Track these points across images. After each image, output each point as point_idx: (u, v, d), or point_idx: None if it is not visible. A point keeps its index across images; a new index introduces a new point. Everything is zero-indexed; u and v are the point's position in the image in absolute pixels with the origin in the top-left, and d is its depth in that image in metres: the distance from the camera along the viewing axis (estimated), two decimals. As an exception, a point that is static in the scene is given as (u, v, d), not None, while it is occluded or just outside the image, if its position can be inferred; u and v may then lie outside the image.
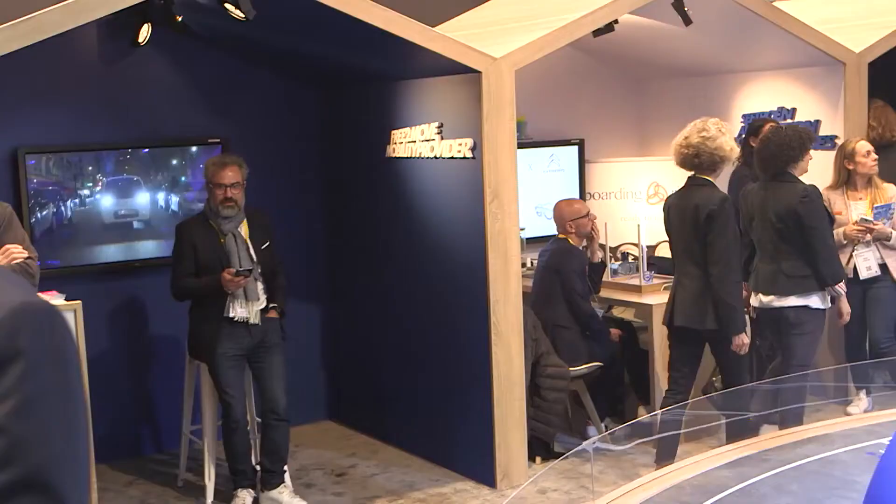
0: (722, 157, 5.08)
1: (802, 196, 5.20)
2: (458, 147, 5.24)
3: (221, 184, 5.02)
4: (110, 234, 5.88)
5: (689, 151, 5.10)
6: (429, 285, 5.61)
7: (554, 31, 5.28)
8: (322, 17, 4.79)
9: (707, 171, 5.12)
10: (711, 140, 5.04)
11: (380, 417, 6.22)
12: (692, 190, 5.16)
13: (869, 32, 6.35)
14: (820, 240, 5.21)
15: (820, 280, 5.25)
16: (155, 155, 5.96)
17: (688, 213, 5.10)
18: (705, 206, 5.00)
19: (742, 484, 4.41)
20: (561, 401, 5.72)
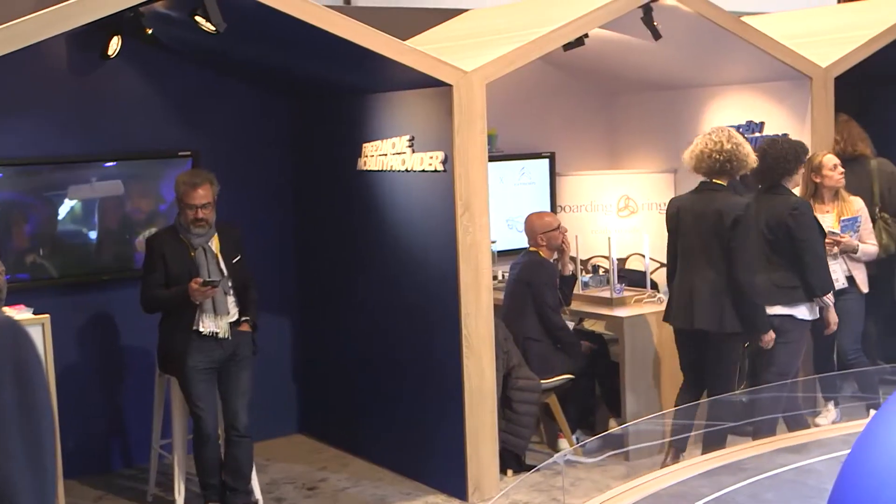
0: (748, 163, 5.27)
1: (793, 209, 5.34)
2: (430, 160, 5.25)
3: (193, 204, 5.01)
4: (79, 247, 5.83)
5: (722, 157, 5.22)
6: (400, 298, 5.61)
7: (524, 45, 5.31)
8: (293, 29, 4.79)
9: (724, 176, 5.27)
10: (742, 147, 5.23)
11: (351, 431, 6.20)
12: (710, 194, 5.26)
13: (835, 47, 6.42)
14: (809, 252, 5.34)
15: (809, 291, 5.37)
16: (125, 168, 5.92)
17: (708, 217, 5.19)
18: (730, 212, 5.12)
19: (718, 493, 4.43)
20: (532, 413, 5.73)
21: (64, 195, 5.75)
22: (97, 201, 5.86)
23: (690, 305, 5.27)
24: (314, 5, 4.73)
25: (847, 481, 2.40)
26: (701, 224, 5.24)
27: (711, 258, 5.20)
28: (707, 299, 5.21)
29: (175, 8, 4.83)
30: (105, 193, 5.89)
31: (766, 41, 6.09)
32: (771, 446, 5.26)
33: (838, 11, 8.61)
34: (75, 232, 5.83)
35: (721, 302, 5.18)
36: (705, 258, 5.23)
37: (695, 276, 5.27)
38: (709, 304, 5.20)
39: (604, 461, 5.73)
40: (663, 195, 7.24)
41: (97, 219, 5.88)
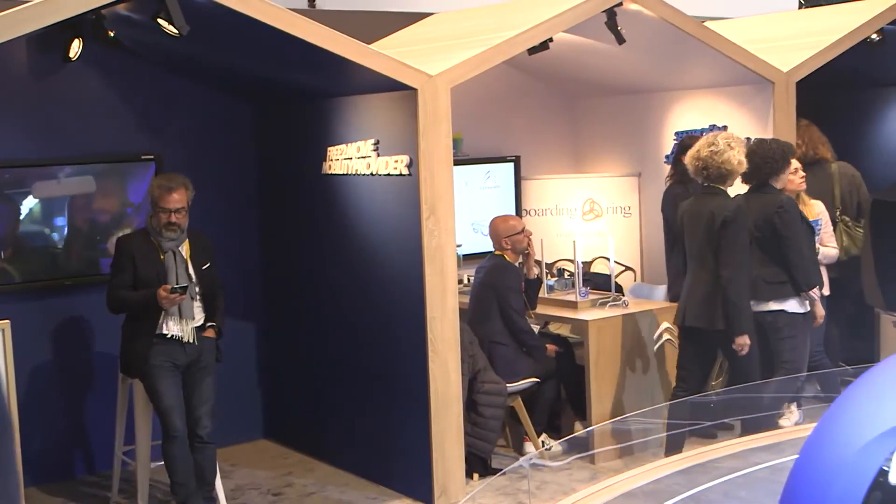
0: (729, 170, 5.38)
1: (778, 207, 5.51)
2: (395, 164, 5.25)
3: (166, 208, 5.01)
4: (41, 251, 5.77)
5: (699, 164, 5.41)
6: (365, 302, 5.59)
7: (489, 49, 5.32)
8: (257, 33, 4.77)
9: (717, 181, 5.40)
10: (718, 154, 5.35)
11: (316, 435, 6.18)
12: (706, 198, 5.44)
13: (796, 52, 6.48)
14: (794, 249, 5.50)
15: (795, 286, 5.53)
16: (88, 171, 5.86)
17: (703, 219, 5.39)
18: (721, 213, 5.30)
19: (692, 490, 4.47)
20: (498, 417, 5.74)
21: (25, 199, 5.68)
22: (59, 205, 5.79)
23: (689, 304, 5.47)
24: (278, 8, 4.71)
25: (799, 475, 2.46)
26: (697, 226, 5.44)
27: (706, 259, 5.39)
28: (701, 298, 5.38)
29: (137, 11, 4.79)
30: (76, 191, 5.82)
31: (729, 46, 6.14)
32: (744, 445, 5.32)
33: (799, 17, 8.70)
34: (36, 236, 5.76)
35: (714, 299, 5.34)
36: (701, 259, 5.43)
37: (693, 276, 5.48)
38: (703, 302, 5.37)
39: (569, 464, 5.74)
40: (628, 199, 7.30)
41: (63, 221, 5.81)
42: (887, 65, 7.32)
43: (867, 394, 2.54)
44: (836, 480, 2.27)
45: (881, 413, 2.32)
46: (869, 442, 2.24)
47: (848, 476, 2.24)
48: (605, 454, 5.80)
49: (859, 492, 2.19)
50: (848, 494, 2.20)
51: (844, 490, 2.22)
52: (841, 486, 2.24)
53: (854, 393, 2.60)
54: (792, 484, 2.48)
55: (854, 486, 2.21)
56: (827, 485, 2.28)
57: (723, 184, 5.43)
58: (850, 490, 2.21)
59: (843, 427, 2.43)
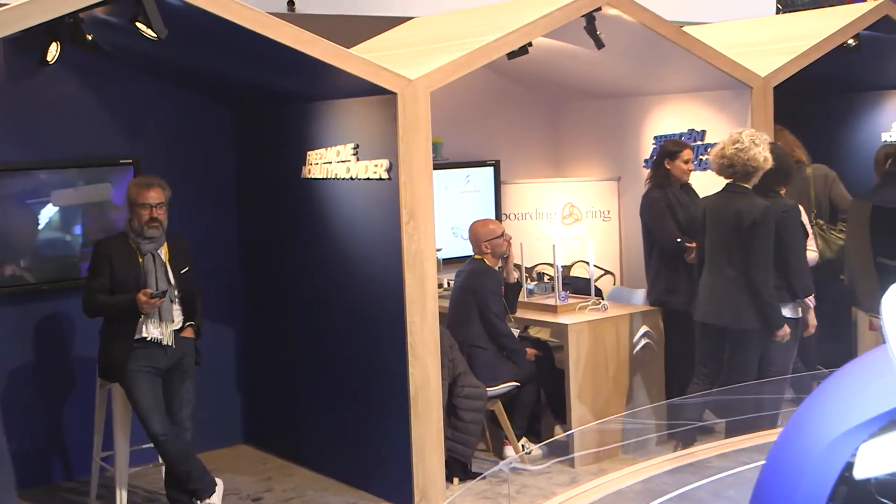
0: (755, 167, 5.44)
1: (783, 211, 5.50)
2: (374, 168, 5.24)
3: (147, 203, 5.02)
4: (18, 255, 5.73)
5: (724, 162, 5.48)
6: (345, 306, 5.58)
7: (469, 54, 5.33)
8: (236, 36, 4.76)
9: (742, 179, 5.48)
10: (744, 152, 5.42)
11: (296, 440, 6.16)
12: (732, 196, 5.51)
13: (774, 57, 6.52)
14: (795, 254, 5.52)
15: (791, 292, 5.53)
16: (65, 175, 5.83)
17: (728, 218, 5.46)
18: (749, 214, 5.38)
19: (681, 489, 4.50)
20: (478, 421, 5.74)
21: (1, 203, 5.64)
22: (37, 209, 5.76)
23: (711, 301, 5.54)
24: (257, 12, 4.71)
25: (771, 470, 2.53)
26: (721, 224, 5.50)
27: (731, 257, 5.46)
28: (726, 296, 5.47)
29: (115, 14, 4.77)
30: (45, 200, 5.79)
31: (708, 51, 6.18)
32: (734, 446, 5.35)
33: (777, 22, 8.76)
34: (13, 241, 5.72)
35: (739, 299, 5.42)
36: (726, 257, 5.49)
37: (716, 273, 5.54)
38: (728, 301, 5.46)
39: (549, 468, 5.75)
40: (607, 203, 7.32)
41: (36, 228, 5.78)
42: (863, 70, 7.38)
43: (836, 392, 2.61)
44: (805, 475, 2.33)
45: (849, 410, 2.38)
46: (836, 438, 2.30)
47: (816, 471, 2.30)
48: (585, 457, 5.81)
49: (826, 486, 2.25)
50: (816, 489, 2.27)
51: (813, 484, 2.29)
52: (809, 481, 2.30)
53: (824, 391, 2.66)
54: (763, 478, 2.55)
55: (822, 480, 2.27)
56: (796, 479, 2.35)
57: (748, 182, 5.48)
58: (818, 484, 2.27)
59: (813, 424, 2.50)
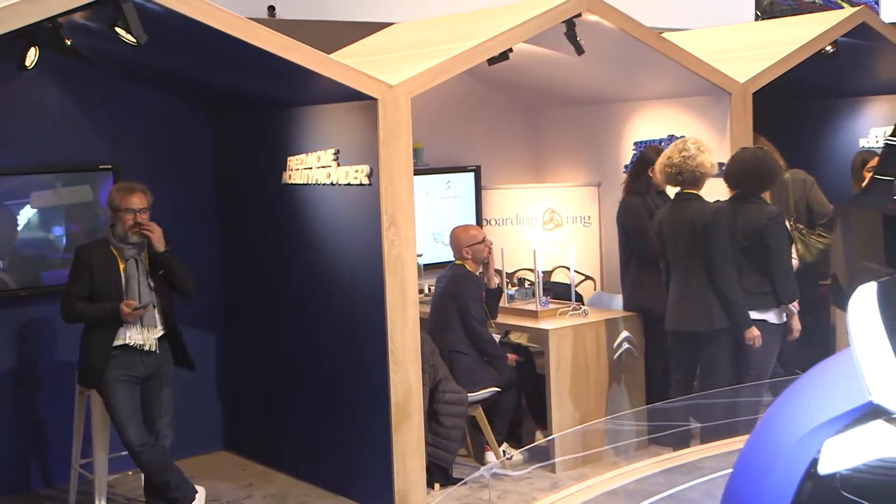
0: (702, 172, 5.56)
1: (769, 217, 5.57)
2: (355, 173, 5.24)
3: (131, 209, 5.01)
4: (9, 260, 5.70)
5: (672, 170, 5.58)
6: (326, 312, 5.57)
7: (449, 59, 5.33)
8: (216, 42, 4.75)
9: (691, 186, 5.58)
10: (692, 159, 5.53)
11: (276, 446, 6.14)
12: (682, 204, 5.61)
13: (753, 64, 6.56)
14: (780, 260, 5.58)
15: (777, 298, 5.59)
16: (44, 181, 5.80)
17: (683, 226, 5.56)
18: (700, 218, 5.48)
19: (673, 490, 4.53)
20: (459, 426, 5.73)
21: None
22: (15, 215, 5.72)
23: (681, 310, 5.59)
24: (238, 17, 4.70)
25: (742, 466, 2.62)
26: (677, 233, 5.58)
27: (693, 264, 5.53)
28: (696, 302, 5.53)
29: (94, 19, 4.75)
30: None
31: (687, 57, 6.21)
32: (727, 447, 5.37)
33: (756, 29, 8.82)
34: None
35: (707, 301, 5.48)
36: (687, 264, 5.56)
37: (682, 282, 5.61)
38: (698, 306, 5.52)
39: (530, 473, 5.75)
40: (587, 208, 7.34)
41: (14, 233, 5.74)
42: (841, 76, 7.44)
43: (804, 391, 2.69)
44: (773, 471, 2.39)
45: (815, 409, 2.44)
46: (803, 436, 2.36)
47: (784, 466, 2.36)
48: (565, 462, 5.82)
49: (793, 482, 2.32)
50: (783, 484, 2.33)
51: (780, 479, 2.35)
52: (777, 476, 2.37)
53: (793, 391, 2.74)
54: (735, 474, 2.62)
55: (789, 476, 2.34)
56: (765, 475, 2.42)
57: (696, 188, 5.58)
58: (785, 480, 2.34)
59: (782, 422, 2.58)
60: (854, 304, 2.48)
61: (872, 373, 2.28)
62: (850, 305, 2.48)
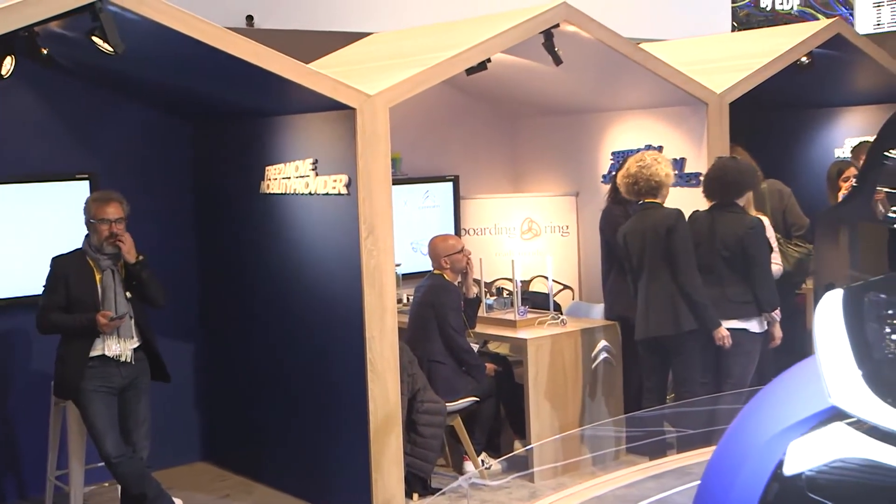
0: (658, 181, 5.65)
1: (749, 227, 5.65)
2: (333, 183, 5.24)
3: (106, 219, 4.99)
4: None
5: (629, 180, 5.68)
6: (304, 322, 5.56)
7: (428, 69, 5.34)
8: (194, 51, 4.74)
9: (649, 195, 5.68)
10: (646, 168, 5.65)
11: (254, 457, 6.12)
12: (644, 214, 5.70)
13: (729, 74, 6.61)
14: (761, 269, 5.65)
15: (759, 306, 5.65)
16: (20, 190, 5.76)
17: (647, 234, 5.64)
18: (662, 224, 5.58)
19: (662, 494, 4.55)
20: (438, 436, 5.73)
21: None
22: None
23: (648, 317, 5.64)
24: (215, 27, 4.69)
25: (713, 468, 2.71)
26: (641, 241, 5.65)
27: (656, 269, 5.59)
28: (660, 307, 5.58)
29: (72, 28, 4.73)
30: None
31: (664, 68, 6.24)
32: (703, 457, 5.40)
33: (732, 40, 8.88)
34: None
35: (673, 305, 5.54)
36: (651, 270, 5.62)
37: (646, 289, 5.66)
38: (662, 310, 5.57)
39: (509, 483, 5.75)
40: (566, 218, 7.36)
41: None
42: (816, 87, 7.50)
43: (772, 396, 2.79)
44: (742, 471, 2.48)
45: (782, 413, 2.53)
46: (771, 438, 2.44)
47: (752, 468, 2.45)
48: (544, 472, 5.82)
49: (761, 482, 2.40)
50: (751, 484, 2.42)
51: (749, 480, 2.43)
52: (746, 477, 2.45)
53: (763, 395, 2.84)
54: (707, 474, 2.70)
55: (757, 477, 2.42)
56: (734, 475, 2.50)
57: (655, 197, 5.67)
58: (753, 480, 2.42)
59: (752, 425, 2.67)
60: (820, 310, 2.56)
61: (832, 377, 2.36)
62: (816, 311, 2.56)
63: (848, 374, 2.35)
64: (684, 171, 6.59)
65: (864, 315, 2.54)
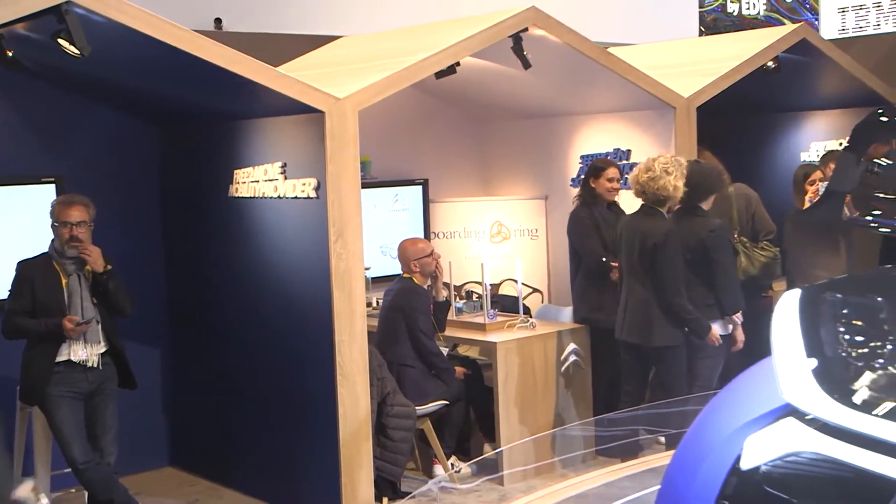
0: (664, 196, 5.58)
1: (711, 230, 5.66)
2: (302, 187, 5.23)
3: (67, 222, 4.96)
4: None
5: (637, 188, 5.64)
6: (274, 326, 5.54)
7: (397, 73, 5.35)
8: (162, 54, 4.71)
9: (655, 204, 5.64)
10: (654, 181, 5.56)
11: (223, 462, 6.08)
12: (643, 218, 5.68)
13: (697, 78, 6.66)
14: (723, 272, 5.66)
15: (721, 309, 5.68)
16: None
17: (636, 238, 5.65)
18: (651, 237, 5.56)
19: (641, 493, 4.58)
20: (407, 440, 5.72)
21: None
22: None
23: (625, 320, 5.69)
24: (183, 30, 4.67)
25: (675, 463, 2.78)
26: (630, 245, 5.66)
27: (639, 276, 5.62)
28: (638, 316, 5.62)
29: (37, 30, 4.69)
30: None
31: (632, 72, 6.28)
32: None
33: (700, 44, 8.94)
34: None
35: (650, 318, 5.56)
36: (635, 276, 5.65)
37: (629, 292, 5.70)
38: (640, 320, 5.61)
39: (478, 486, 5.75)
40: (535, 221, 7.38)
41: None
42: (782, 91, 7.57)
43: (735, 392, 2.88)
44: (702, 466, 2.54)
45: (743, 409, 2.60)
46: (730, 433, 2.51)
47: (712, 462, 2.51)
48: (513, 475, 5.83)
49: (720, 476, 2.46)
50: (711, 478, 2.48)
51: (708, 474, 2.50)
52: (706, 471, 2.51)
53: (725, 392, 2.94)
54: (670, 468, 2.77)
55: (716, 471, 2.48)
56: (695, 470, 2.57)
57: (661, 207, 5.63)
58: (713, 474, 2.49)
59: (712, 420, 2.75)
60: (778, 309, 2.64)
61: (785, 374, 2.43)
62: (775, 310, 2.64)
63: (800, 371, 2.42)
64: (652, 175, 6.62)
65: (820, 314, 2.62)
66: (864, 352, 2.50)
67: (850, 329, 2.59)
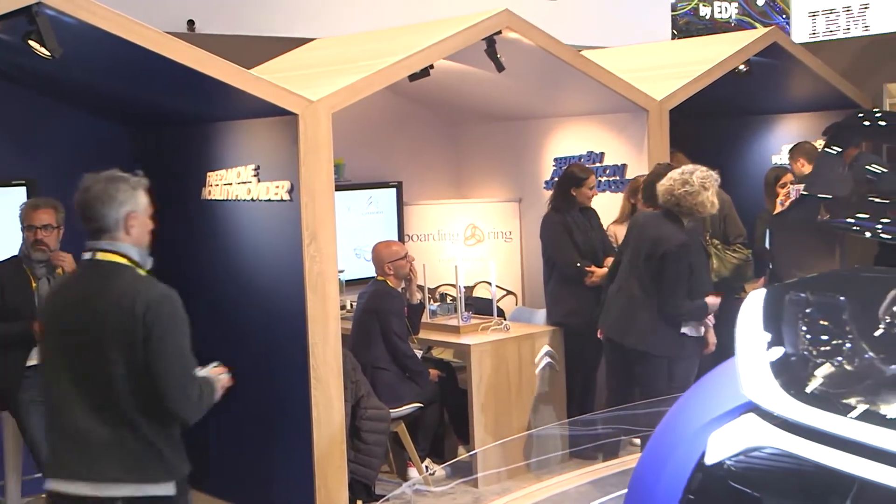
0: (700, 212, 5.46)
1: (676, 243, 5.52)
2: (276, 189, 5.21)
3: (32, 225, 4.93)
4: None
5: (671, 199, 5.42)
6: (247, 329, 5.52)
7: (370, 75, 5.34)
8: (134, 56, 4.69)
9: (685, 216, 5.49)
10: (693, 196, 5.38)
11: (196, 465, 6.02)
12: (662, 220, 5.52)
13: (669, 82, 6.70)
14: (696, 276, 5.58)
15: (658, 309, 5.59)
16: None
17: (646, 240, 5.52)
18: (664, 244, 5.42)
19: (605, 497, 4.61)
20: (381, 443, 5.72)
21: None
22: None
23: (614, 318, 5.65)
24: (156, 31, 4.65)
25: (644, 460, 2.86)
26: (640, 244, 5.57)
27: (640, 279, 5.53)
28: (629, 318, 5.57)
29: (8, 32, 4.66)
30: None
31: (605, 75, 6.30)
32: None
33: (672, 47, 9.00)
34: None
35: (641, 321, 5.51)
36: (635, 276, 5.57)
37: (624, 289, 5.62)
38: (631, 323, 5.56)
39: (453, 488, 5.76)
40: (509, 224, 7.40)
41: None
42: (754, 94, 7.63)
43: (702, 391, 2.94)
44: (669, 462, 2.61)
45: (708, 407, 2.66)
46: (695, 431, 2.57)
47: (678, 458, 2.58)
48: (487, 477, 5.83)
49: (686, 471, 2.53)
50: (677, 473, 2.55)
51: (675, 470, 2.57)
52: (672, 467, 2.58)
53: (693, 390, 3.00)
54: (640, 464, 2.85)
55: (682, 466, 2.55)
56: (663, 465, 2.63)
57: (686, 217, 5.49)
58: (679, 470, 2.55)
59: (680, 418, 2.81)
60: (743, 309, 2.67)
61: (746, 371, 2.49)
62: (740, 310, 2.68)
63: (760, 368, 2.47)
64: (625, 178, 6.66)
65: (783, 313, 2.66)
66: (824, 349, 2.55)
67: (812, 327, 2.63)
